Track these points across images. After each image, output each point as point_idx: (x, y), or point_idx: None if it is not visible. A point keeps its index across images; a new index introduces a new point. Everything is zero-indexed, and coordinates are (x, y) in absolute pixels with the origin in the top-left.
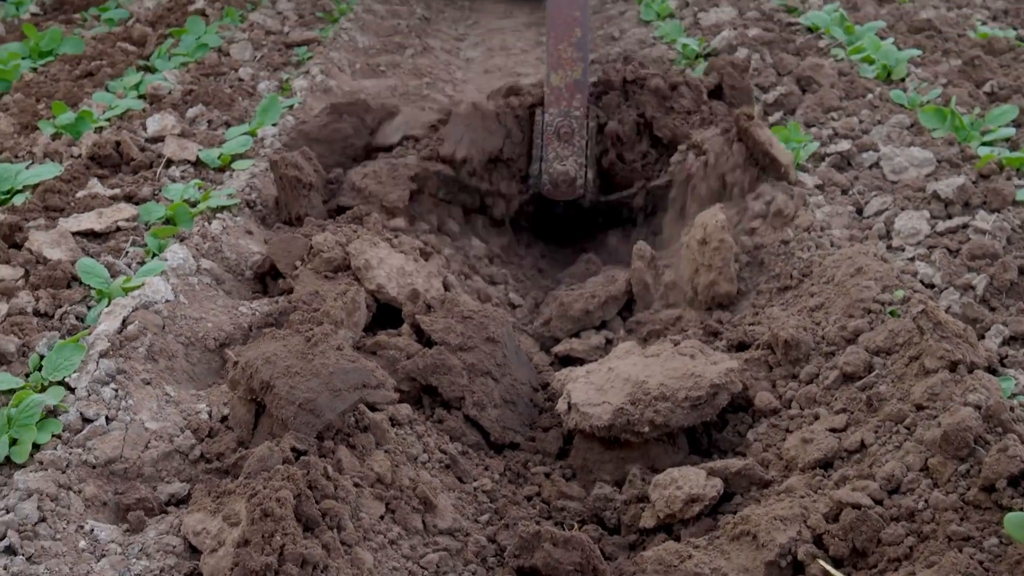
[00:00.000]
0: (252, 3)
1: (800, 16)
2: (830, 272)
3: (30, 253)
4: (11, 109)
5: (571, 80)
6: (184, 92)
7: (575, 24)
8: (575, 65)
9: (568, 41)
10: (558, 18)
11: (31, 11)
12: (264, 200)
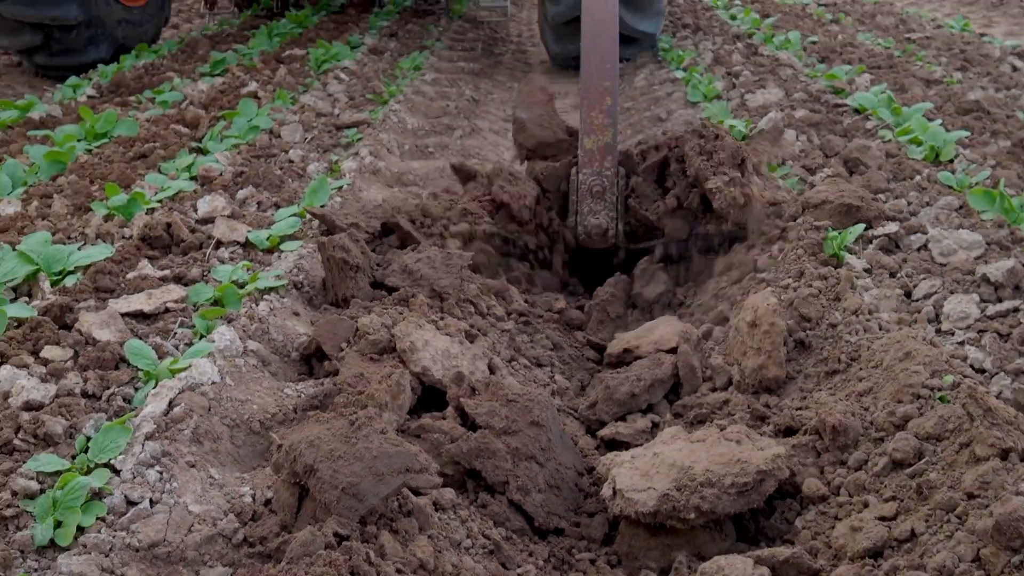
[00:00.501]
0: (303, 86)
1: (847, 97)
2: (878, 356)
3: (80, 334)
4: (65, 190)
5: (602, 143)
6: (235, 174)
7: (606, 94)
8: (606, 130)
9: (600, 109)
10: (591, 88)
11: (87, 94)
12: (311, 281)
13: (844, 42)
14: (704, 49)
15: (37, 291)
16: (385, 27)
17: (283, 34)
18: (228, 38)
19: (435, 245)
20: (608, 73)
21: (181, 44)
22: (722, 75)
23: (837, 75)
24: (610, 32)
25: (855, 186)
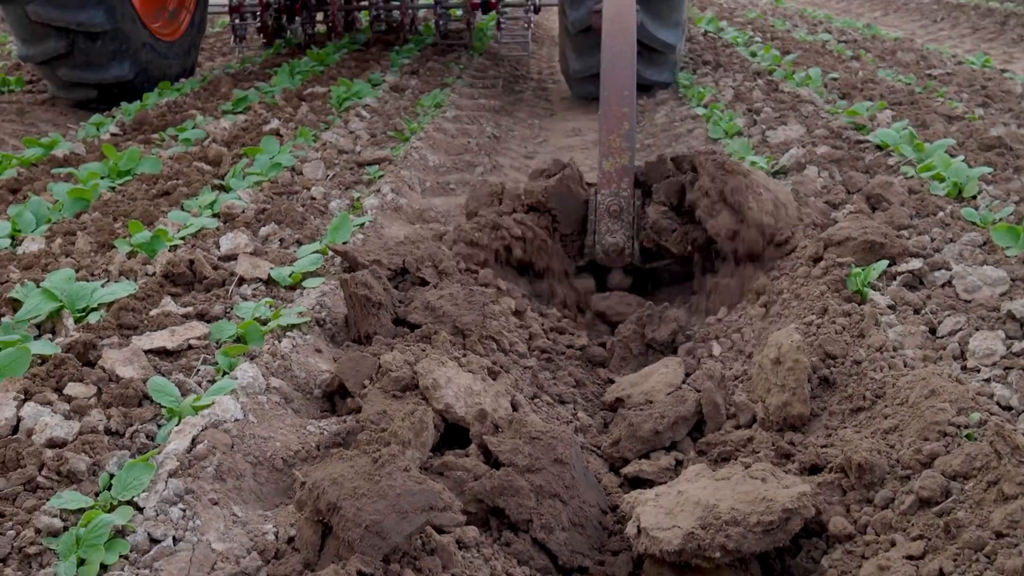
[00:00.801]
0: (325, 123)
1: (869, 134)
2: (904, 393)
3: (103, 371)
4: (89, 228)
5: (620, 166)
6: (257, 211)
7: (624, 119)
8: (623, 153)
9: (618, 133)
10: (609, 114)
11: (111, 131)
12: (334, 318)
13: (865, 78)
14: (725, 86)
15: (61, 328)
16: (406, 65)
17: (305, 72)
18: (250, 76)
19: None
20: (626, 100)
21: (204, 82)
22: (743, 112)
23: (858, 111)
24: (627, 61)
25: (878, 222)
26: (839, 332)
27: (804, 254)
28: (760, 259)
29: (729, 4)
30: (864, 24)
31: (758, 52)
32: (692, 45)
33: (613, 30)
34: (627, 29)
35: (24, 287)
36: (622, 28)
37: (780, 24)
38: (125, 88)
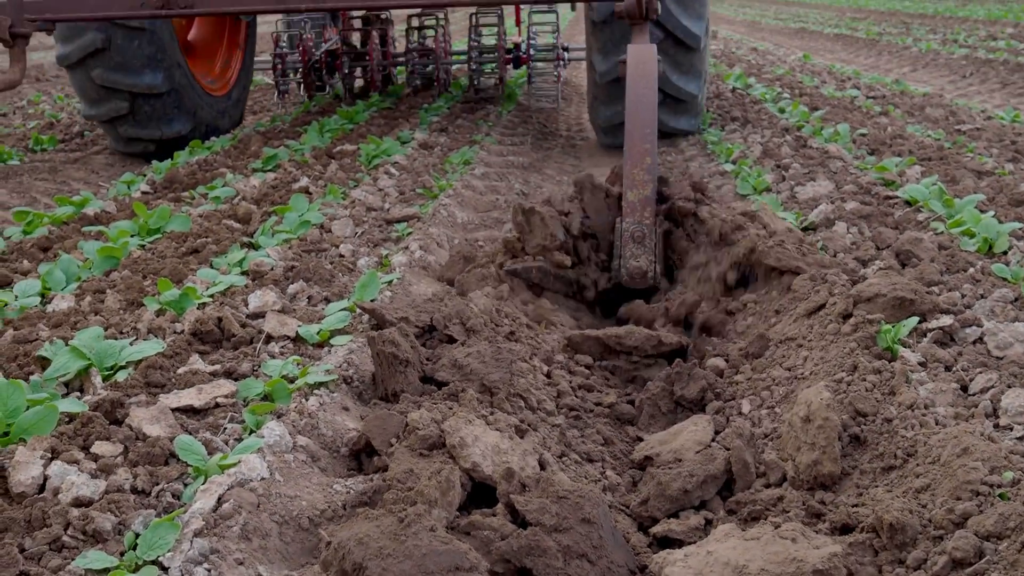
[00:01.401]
0: (354, 180)
1: (898, 189)
2: (936, 452)
3: (130, 429)
4: (118, 286)
5: (643, 196)
6: (286, 268)
7: (646, 154)
8: (646, 185)
9: (641, 167)
10: (633, 150)
11: (141, 189)
12: (361, 376)
13: (893, 134)
14: (753, 142)
15: (89, 386)
16: (435, 122)
17: (334, 130)
18: (280, 134)
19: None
20: (648, 137)
21: (234, 140)
22: (771, 168)
23: (887, 167)
24: (649, 104)
25: (908, 279)
26: (869, 389)
27: (833, 310)
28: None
29: (757, 61)
30: (892, 80)
31: (786, 108)
32: (720, 102)
33: (636, 76)
34: (649, 75)
35: (53, 345)
36: (645, 75)
37: (808, 80)
38: (160, 104)
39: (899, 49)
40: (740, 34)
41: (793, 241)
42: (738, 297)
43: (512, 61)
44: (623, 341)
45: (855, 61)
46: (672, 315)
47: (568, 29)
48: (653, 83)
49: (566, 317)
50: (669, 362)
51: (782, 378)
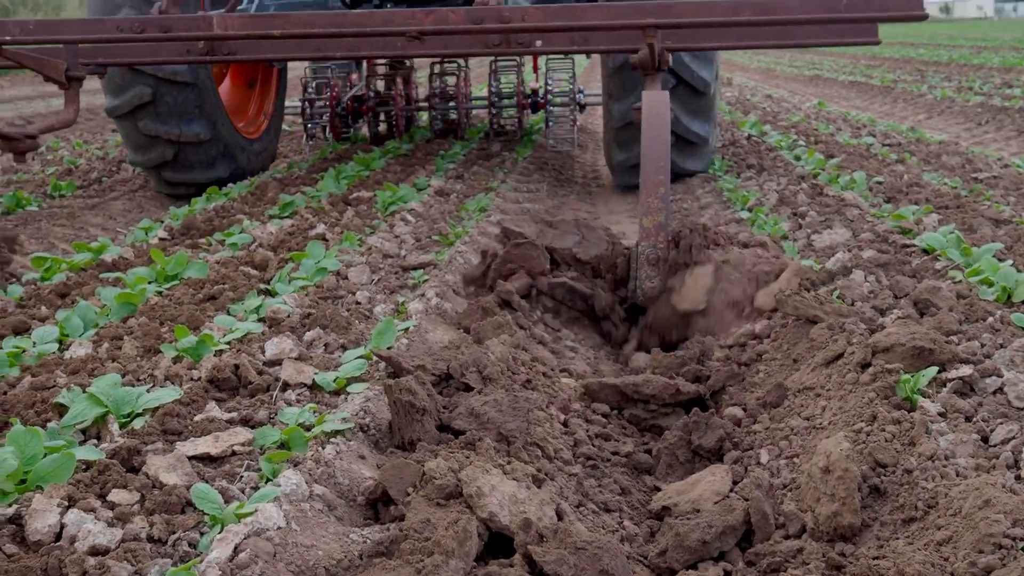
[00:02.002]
0: (370, 227)
1: (915, 238)
2: (957, 504)
3: (147, 477)
4: (136, 332)
5: (657, 223)
6: (302, 315)
7: (659, 185)
8: (660, 212)
9: (655, 196)
10: (648, 181)
11: (159, 236)
12: (378, 424)
13: (910, 182)
14: (769, 190)
15: (106, 433)
16: (452, 169)
17: (350, 177)
18: (296, 181)
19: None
20: (661, 170)
21: (251, 187)
22: (788, 215)
23: (904, 215)
24: (663, 140)
25: (926, 328)
26: (889, 440)
27: (852, 360)
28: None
29: (772, 108)
30: (908, 127)
31: (802, 156)
32: (736, 149)
33: (651, 119)
34: (662, 119)
35: (71, 392)
36: (658, 115)
37: (824, 127)
38: (202, 151)
39: (914, 96)
40: (755, 81)
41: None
42: (753, 348)
43: (530, 106)
44: (640, 389)
45: (870, 108)
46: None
47: (583, 75)
48: (666, 125)
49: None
50: (687, 411)
51: (801, 428)
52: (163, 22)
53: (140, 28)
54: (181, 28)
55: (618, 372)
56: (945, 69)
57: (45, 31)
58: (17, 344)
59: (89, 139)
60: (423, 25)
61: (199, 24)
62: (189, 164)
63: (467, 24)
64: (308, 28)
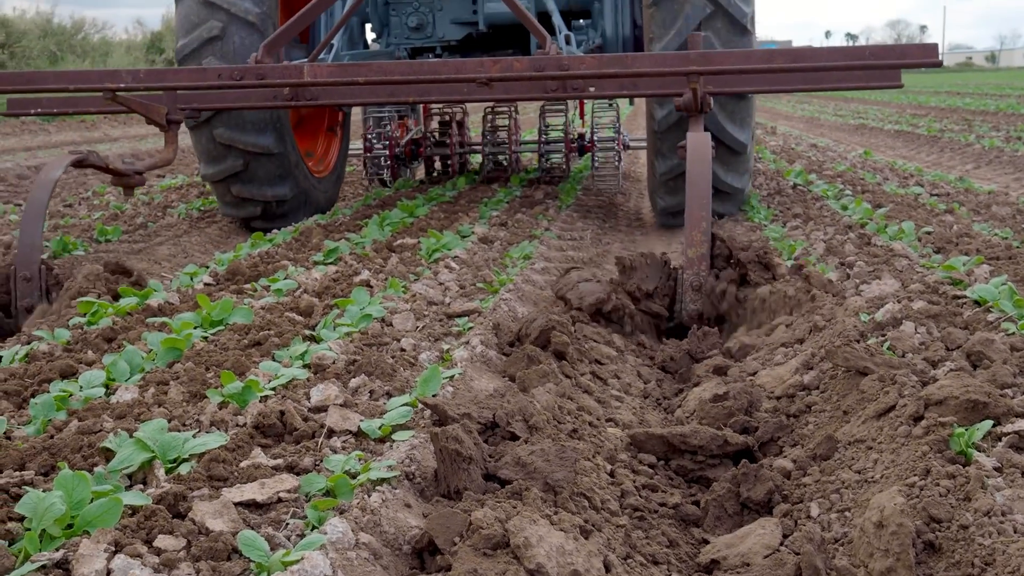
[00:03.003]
0: (414, 274)
1: (966, 289)
2: (1015, 561)
3: (193, 524)
4: (182, 377)
5: (700, 253)
6: (348, 362)
7: (702, 219)
8: (703, 244)
9: (698, 229)
10: (692, 216)
11: (204, 281)
12: (423, 472)
13: (960, 232)
14: (816, 239)
15: (152, 479)
16: (495, 216)
17: (394, 223)
18: (340, 227)
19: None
20: (704, 207)
21: (295, 232)
22: (835, 265)
23: (954, 266)
24: (705, 179)
25: (980, 381)
26: (943, 495)
27: (904, 412)
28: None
29: (818, 157)
30: (956, 177)
31: (849, 205)
32: (781, 198)
33: (694, 159)
34: (705, 159)
35: (117, 437)
36: (701, 158)
37: (870, 177)
38: (284, 206)
39: (961, 146)
40: (799, 130)
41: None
42: (802, 399)
43: (577, 149)
44: (688, 440)
45: (916, 158)
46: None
47: (627, 121)
48: (708, 165)
49: (629, 401)
50: (735, 462)
51: (852, 481)
52: (259, 71)
53: (239, 76)
54: (275, 76)
55: (664, 422)
56: (992, 118)
57: (154, 79)
58: (64, 388)
59: None
60: (491, 72)
61: (291, 72)
62: (255, 178)
63: (530, 71)
64: (388, 75)
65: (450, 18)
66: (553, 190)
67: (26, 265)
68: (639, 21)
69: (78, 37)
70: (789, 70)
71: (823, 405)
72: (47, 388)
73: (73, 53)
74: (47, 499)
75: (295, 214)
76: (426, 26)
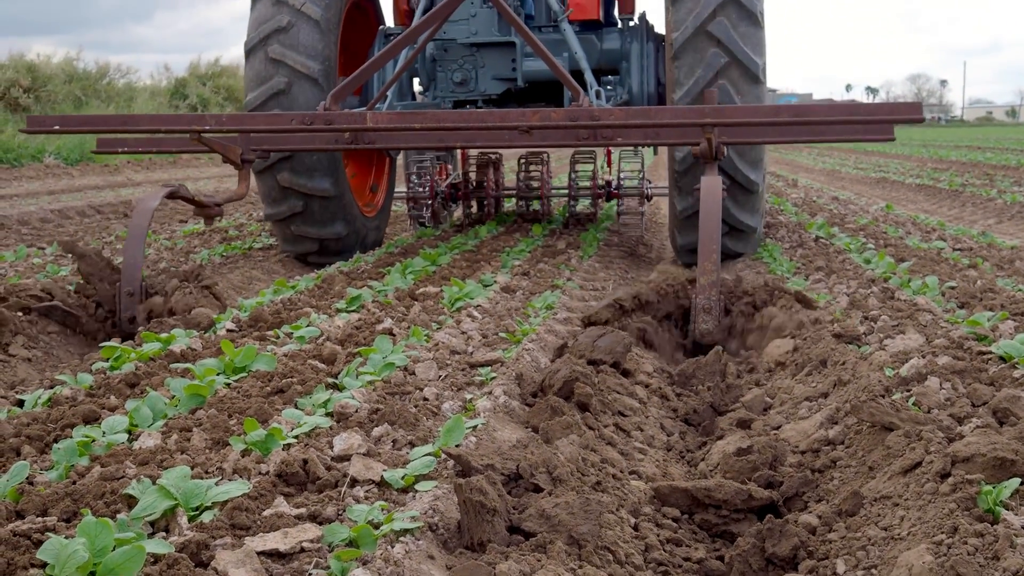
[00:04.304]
0: (437, 323)
1: (991, 345)
2: None
3: (216, 572)
4: (204, 424)
5: (711, 280)
6: (371, 411)
7: (712, 252)
8: (713, 273)
9: (710, 260)
10: (704, 249)
11: (227, 327)
12: (446, 523)
13: (984, 288)
14: (839, 292)
15: (175, 526)
16: (517, 266)
17: (417, 272)
18: (363, 275)
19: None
20: (715, 241)
21: (318, 279)
22: (859, 319)
23: (979, 321)
24: (716, 218)
25: (1007, 438)
26: (972, 553)
27: (931, 469)
28: None
29: (839, 210)
30: (979, 232)
31: (872, 259)
32: (804, 251)
33: (707, 200)
34: (716, 199)
35: (140, 484)
36: (713, 199)
37: (892, 231)
38: (339, 243)
39: (983, 200)
40: (820, 183)
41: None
42: (827, 454)
43: (605, 195)
44: (712, 494)
45: (938, 212)
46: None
47: (650, 169)
48: (719, 206)
49: (652, 453)
50: (759, 517)
51: (878, 538)
52: (328, 117)
53: (310, 121)
54: (342, 122)
55: (688, 475)
56: (1014, 173)
57: (235, 123)
58: (87, 433)
59: (157, 229)
60: (531, 121)
61: (356, 119)
62: (314, 218)
63: (566, 121)
64: (441, 122)
65: (492, 74)
66: (575, 240)
67: (129, 282)
68: (662, 78)
69: (103, 82)
70: (793, 123)
71: (848, 460)
72: (70, 433)
73: (98, 98)
74: (70, 546)
75: (349, 250)
76: (470, 81)
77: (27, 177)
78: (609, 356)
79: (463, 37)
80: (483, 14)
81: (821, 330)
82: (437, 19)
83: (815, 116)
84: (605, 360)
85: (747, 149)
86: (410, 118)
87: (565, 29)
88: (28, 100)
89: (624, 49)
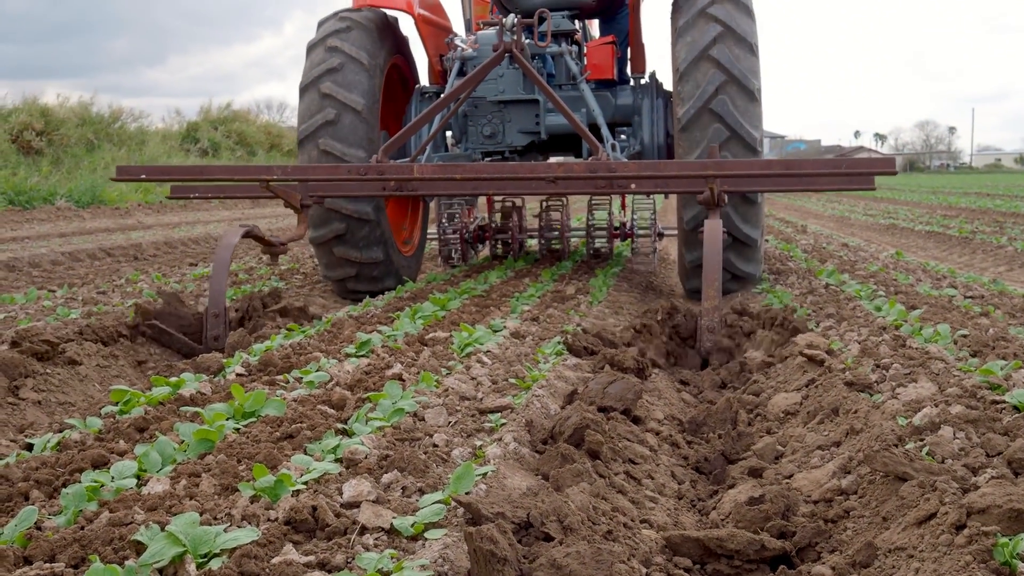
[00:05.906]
0: (447, 368)
1: (1005, 394)
2: None
3: None
4: (213, 470)
5: (713, 305)
6: (380, 457)
7: (715, 280)
8: (715, 298)
9: (712, 288)
10: (708, 279)
11: (236, 372)
12: (455, 572)
13: (996, 336)
14: (850, 340)
15: (183, 574)
16: (526, 311)
17: (426, 317)
18: (372, 319)
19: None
20: (717, 271)
21: (327, 324)
22: (871, 368)
23: (992, 370)
24: (717, 253)
25: (1023, 489)
26: None
27: (946, 520)
28: None
29: (849, 257)
30: (990, 279)
31: (882, 306)
32: (814, 297)
33: (710, 240)
34: (718, 239)
35: (149, 530)
36: (715, 239)
37: (903, 278)
38: (376, 269)
39: (993, 248)
40: (829, 229)
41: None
42: (840, 504)
43: (619, 235)
44: (724, 544)
45: (948, 259)
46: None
47: (660, 214)
48: (720, 243)
49: (663, 502)
50: (772, 568)
51: None
52: (379, 168)
53: (364, 172)
54: (391, 173)
55: (699, 524)
56: None
57: (298, 172)
58: (96, 478)
59: (167, 272)
60: (557, 172)
61: (404, 170)
62: (354, 241)
63: (587, 172)
64: (478, 173)
65: (518, 128)
66: (584, 285)
67: (215, 305)
68: (671, 131)
69: (115, 126)
70: (785, 175)
71: (862, 510)
72: (78, 478)
73: (110, 141)
74: None
75: (385, 280)
76: (498, 134)
77: (38, 219)
78: (620, 403)
79: (492, 95)
80: (510, 75)
81: (833, 378)
82: (473, 83)
83: (802, 169)
84: (616, 407)
85: (746, 210)
86: (451, 169)
87: (583, 88)
88: (41, 143)
89: (636, 104)
